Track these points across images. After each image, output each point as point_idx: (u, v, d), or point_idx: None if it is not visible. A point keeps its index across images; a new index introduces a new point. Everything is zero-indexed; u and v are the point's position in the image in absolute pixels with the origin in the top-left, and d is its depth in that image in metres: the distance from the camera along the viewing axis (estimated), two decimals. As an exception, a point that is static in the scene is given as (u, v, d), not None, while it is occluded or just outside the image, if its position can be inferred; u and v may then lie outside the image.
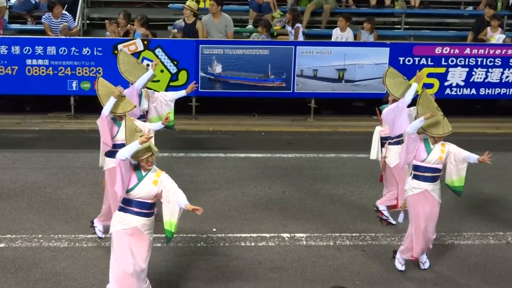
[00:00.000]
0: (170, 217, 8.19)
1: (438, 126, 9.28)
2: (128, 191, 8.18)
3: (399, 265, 9.78)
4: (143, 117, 10.92)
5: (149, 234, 8.44)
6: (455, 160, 9.39)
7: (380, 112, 10.79)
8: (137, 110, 10.67)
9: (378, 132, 10.91)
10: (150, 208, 8.36)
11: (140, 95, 10.88)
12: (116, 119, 9.77)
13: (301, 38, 16.09)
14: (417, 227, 9.49)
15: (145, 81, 10.89)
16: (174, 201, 8.14)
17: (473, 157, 9.33)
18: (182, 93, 11.28)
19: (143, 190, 8.20)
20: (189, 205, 8.06)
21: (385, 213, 11.02)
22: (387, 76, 10.78)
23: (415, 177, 9.47)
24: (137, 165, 8.25)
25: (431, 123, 9.25)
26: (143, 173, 8.24)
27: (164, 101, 11.11)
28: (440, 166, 9.41)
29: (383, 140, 10.84)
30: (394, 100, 10.59)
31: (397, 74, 10.85)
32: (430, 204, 9.48)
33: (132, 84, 10.83)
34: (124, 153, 7.97)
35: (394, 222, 10.93)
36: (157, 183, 8.23)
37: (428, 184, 9.42)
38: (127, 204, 8.28)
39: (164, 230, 8.27)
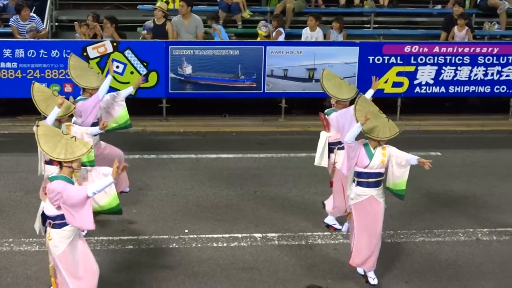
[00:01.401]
0: (109, 196, 8.31)
1: (384, 129, 9.07)
2: None
3: (371, 280, 9.53)
4: (97, 124, 10.77)
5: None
6: (397, 163, 9.19)
7: (325, 116, 10.74)
8: (91, 119, 10.66)
9: (326, 138, 10.75)
10: None
11: None
12: (55, 124, 9.56)
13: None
14: (363, 233, 9.35)
15: (107, 89, 10.83)
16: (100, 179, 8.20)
17: (414, 159, 9.12)
18: (130, 89, 11.21)
19: None
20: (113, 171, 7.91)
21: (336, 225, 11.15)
22: (324, 78, 10.67)
23: (359, 184, 9.28)
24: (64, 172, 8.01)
25: (377, 127, 9.07)
26: (73, 179, 8.07)
27: (116, 102, 11.06)
28: (382, 170, 9.24)
29: (331, 146, 10.71)
30: (337, 102, 10.56)
31: (334, 75, 10.87)
32: (375, 209, 9.33)
33: (86, 91, 10.82)
34: (94, 191, 7.76)
35: (340, 227, 11.02)
36: (79, 181, 8.22)
37: (372, 189, 9.26)
38: (62, 218, 8.00)
39: (107, 212, 8.47)
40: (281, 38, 16.13)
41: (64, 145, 7.98)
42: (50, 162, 9.51)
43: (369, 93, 10.59)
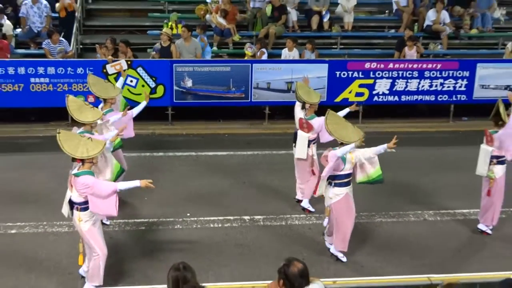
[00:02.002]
0: (112, 166, 8.79)
1: (353, 134, 9.04)
2: None
3: (342, 258, 9.55)
4: None
5: None
6: (366, 158, 9.13)
7: (306, 121, 10.87)
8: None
9: (306, 137, 10.86)
10: None
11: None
12: (87, 129, 9.58)
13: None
14: (347, 225, 9.29)
15: (140, 110, 11.07)
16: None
17: (383, 147, 9.04)
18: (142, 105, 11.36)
19: None
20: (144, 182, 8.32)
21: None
22: (298, 88, 10.94)
23: (336, 185, 9.16)
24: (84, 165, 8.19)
25: (347, 133, 9.05)
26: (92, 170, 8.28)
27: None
28: (351, 171, 9.19)
29: (309, 142, 10.90)
30: (310, 106, 10.76)
31: (303, 85, 11.18)
32: (350, 203, 9.31)
33: (107, 101, 10.89)
34: (122, 188, 8.10)
35: (313, 210, 11.11)
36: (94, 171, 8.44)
37: (347, 188, 9.20)
38: (87, 203, 8.20)
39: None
40: (264, 57, 16.14)
41: (84, 146, 8.11)
42: (73, 159, 9.54)
43: (346, 111, 10.74)
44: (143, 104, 11.26)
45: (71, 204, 8.31)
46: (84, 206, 8.20)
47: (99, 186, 8.03)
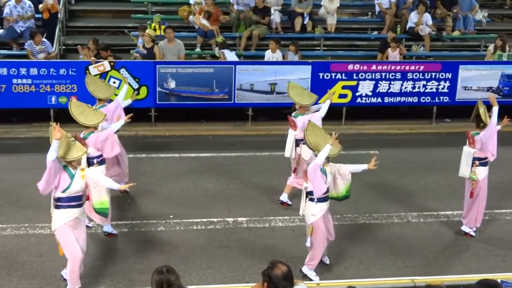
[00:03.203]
0: (100, 198, 8.32)
1: (332, 147, 8.55)
2: (64, 190, 8.11)
3: (325, 260, 9.37)
4: None
5: (84, 218, 8.59)
6: (340, 174, 8.85)
7: (293, 119, 10.93)
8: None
9: (293, 135, 10.93)
10: (82, 198, 8.38)
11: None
12: (91, 130, 9.76)
13: (230, 58, 15.98)
14: (324, 240, 8.91)
15: (124, 95, 11.49)
16: (102, 184, 8.29)
17: (361, 167, 8.89)
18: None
19: (77, 186, 8.17)
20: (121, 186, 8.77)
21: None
22: (290, 89, 11.00)
23: (319, 200, 8.68)
24: (65, 165, 8.21)
25: (320, 145, 8.62)
26: (73, 171, 8.18)
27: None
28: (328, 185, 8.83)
29: (298, 141, 10.86)
30: (301, 107, 10.83)
31: (297, 86, 11.29)
32: (328, 218, 9.03)
33: (101, 100, 11.07)
34: (50, 158, 7.91)
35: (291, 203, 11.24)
36: (84, 177, 8.23)
37: (327, 203, 8.84)
38: (65, 201, 8.16)
39: (96, 211, 8.47)
40: (229, 56, 15.97)
41: (66, 145, 8.19)
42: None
43: (327, 104, 10.68)
44: (124, 88, 11.68)
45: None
46: (59, 203, 8.22)
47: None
